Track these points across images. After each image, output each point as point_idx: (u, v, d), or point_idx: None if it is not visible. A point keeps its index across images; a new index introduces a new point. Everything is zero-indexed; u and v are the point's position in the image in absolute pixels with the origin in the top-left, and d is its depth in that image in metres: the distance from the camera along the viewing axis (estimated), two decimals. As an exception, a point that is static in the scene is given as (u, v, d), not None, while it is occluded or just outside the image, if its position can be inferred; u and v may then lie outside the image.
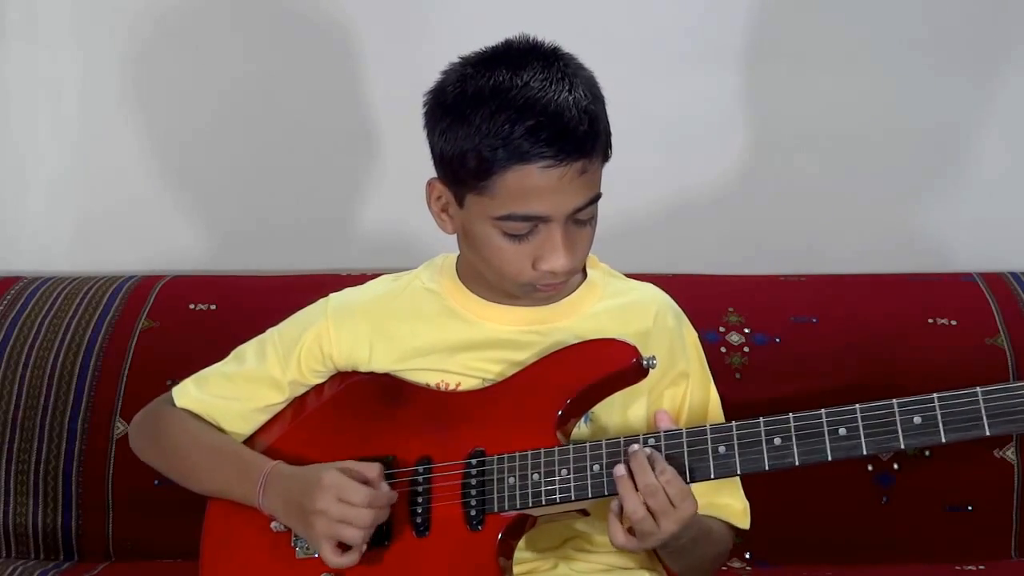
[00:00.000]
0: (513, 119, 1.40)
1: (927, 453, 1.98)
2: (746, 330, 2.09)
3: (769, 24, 2.33)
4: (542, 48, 1.49)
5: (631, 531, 1.41)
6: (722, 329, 2.09)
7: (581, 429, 1.54)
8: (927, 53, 2.32)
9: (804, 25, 2.33)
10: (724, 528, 1.58)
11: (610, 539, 1.42)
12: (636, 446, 1.40)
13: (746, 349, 2.07)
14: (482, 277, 1.57)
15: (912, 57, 2.33)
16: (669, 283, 1.71)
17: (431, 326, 1.60)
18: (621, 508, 1.40)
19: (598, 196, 1.48)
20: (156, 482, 1.93)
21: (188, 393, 1.66)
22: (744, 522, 1.58)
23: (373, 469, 1.48)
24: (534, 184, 1.41)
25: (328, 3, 2.37)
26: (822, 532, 2.01)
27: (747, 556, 2.00)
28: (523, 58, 1.46)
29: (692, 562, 1.55)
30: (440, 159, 1.50)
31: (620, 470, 1.39)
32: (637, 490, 1.38)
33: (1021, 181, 2.35)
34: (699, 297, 1.93)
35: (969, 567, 1.96)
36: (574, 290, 1.61)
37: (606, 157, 1.49)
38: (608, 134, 1.49)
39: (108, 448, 2.07)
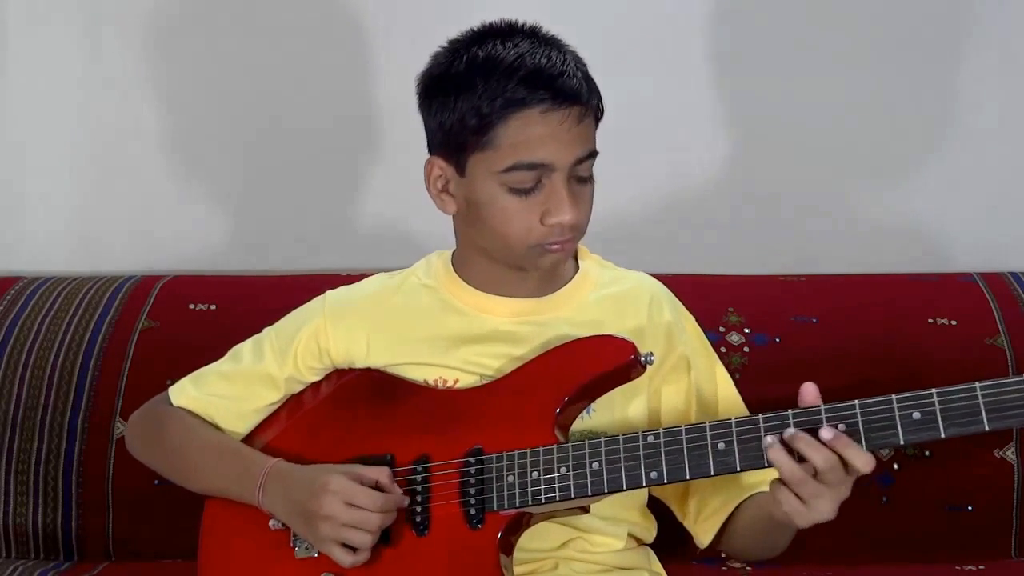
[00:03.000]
0: (508, 73, 1.45)
1: (927, 453, 1.98)
2: (746, 330, 2.09)
3: (770, 23, 2.33)
4: (523, 26, 1.54)
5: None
6: (722, 329, 2.09)
7: (584, 420, 1.54)
8: (928, 52, 2.33)
9: (806, 24, 2.33)
10: None
11: (785, 508, 1.37)
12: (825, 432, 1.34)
13: (746, 349, 2.07)
14: (478, 267, 1.58)
15: (913, 56, 2.33)
16: (669, 283, 1.71)
17: (428, 320, 1.61)
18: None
19: (595, 152, 1.51)
20: (156, 482, 1.92)
21: (185, 392, 1.67)
22: None
23: (384, 473, 1.48)
24: (536, 131, 1.44)
25: (328, 3, 2.37)
26: (822, 532, 1.99)
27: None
28: (508, 31, 1.51)
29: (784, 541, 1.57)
30: (439, 131, 1.52)
31: (828, 433, 1.33)
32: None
33: (1021, 181, 2.35)
34: (699, 297, 1.92)
35: (969, 567, 1.95)
36: (568, 281, 1.62)
37: (598, 116, 1.52)
38: (600, 94, 1.52)
39: (108, 448, 2.06)
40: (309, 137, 2.41)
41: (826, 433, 1.34)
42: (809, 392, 1.40)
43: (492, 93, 1.44)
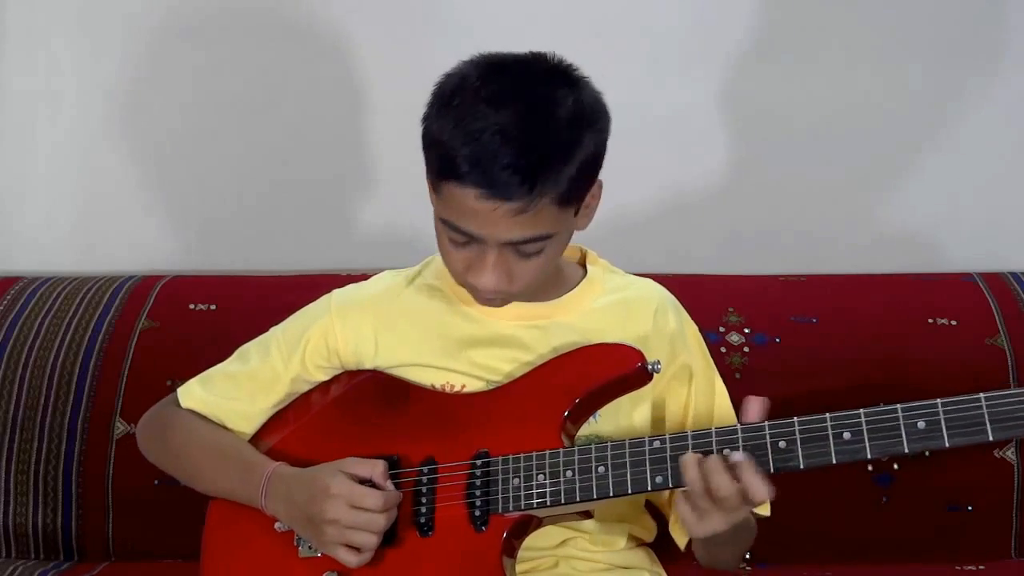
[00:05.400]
0: (464, 140, 1.40)
1: (927, 453, 1.98)
2: (746, 330, 2.10)
3: (770, 23, 2.33)
4: (558, 76, 1.46)
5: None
6: (722, 329, 2.09)
7: (591, 424, 1.54)
8: (929, 51, 2.33)
9: (806, 24, 2.33)
10: (751, 517, 1.57)
11: (679, 513, 1.40)
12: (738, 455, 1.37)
13: (746, 349, 2.08)
14: None
15: (914, 56, 2.33)
16: (669, 283, 1.71)
17: (435, 321, 1.61)
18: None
19: (547, 236, 1.45)
20: (156, 482, 1.94)
21: (193, 394, 1.67)
22: (766, 510, 1.57)
23: (377, 467, 1.48)
24: (468, 205, 1.41)
25: (328, 5, 2.36)
26: (822, 532, 2.01)
27: (747, 556, 2.00)
28: (525, 80, 1.44)
29: (735, 550, 1.59)
30: (422, 139, 1.51)
31: (738, 456, 1.36)
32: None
33: (1021, 181, 2.35)
34: (699, 297, 1.92)
35: (969, 567, 1.96)
36: (575, 286, 1.62)
37: (566, 204, 1.45)
38: (571, 183, 1.43)
39: (108, 448, 2.06)
40: (309, 137, 2.40)
41: (737, 456, 1.36)
42: (753, 408, 1.40)
43: (447, 150, 1.41)
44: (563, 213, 1.45)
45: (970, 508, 2.00)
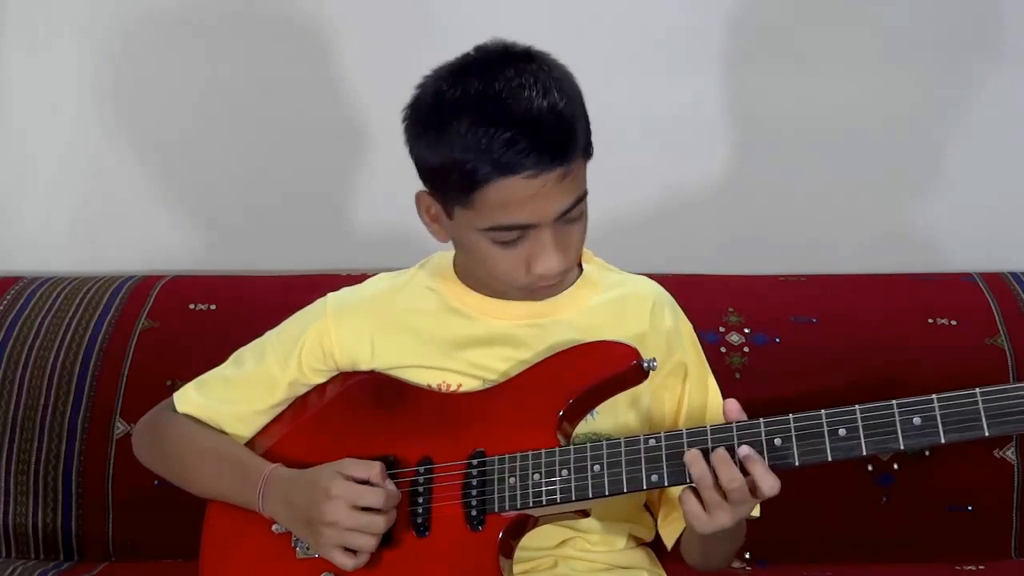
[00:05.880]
0: (490, 133, 1.40)
1: (927, 453, 1.99)
2: (746, 330, 2.10)
3: (771, 23, 2.34)
4: (514, 52, 1.49)
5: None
6: (722, 329, 2.09)
7: (588, 422, 1.54)
8: (928, 52, 2.33)
9: (805, 25, 2.33)
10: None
11: (686, 509, 1.40)
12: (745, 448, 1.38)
13: (746, 349, 2.07)
14: (477, 276, 1.58)
15: (913, 56, 2.33)
16: (669, 283, 1.71)
17: (431, 322, 1.60)
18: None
19: (584, 195, 1.48)
20: (156, 482, 1.92)
21: (189, 399, 1.66)
22: (757, 510, 1.56)
23: (375, 468, 1.48)
24: (516, 195, 1.42)
25: (326, 5, 2.37)
26: (822, 532, 2.01)
27: (747, 556, 2.00)
28: (495, 66, 1.45)
29: (730, 548, 1.59)
30: (424, 173, 1.51)
31: (746, 450, 1.38)
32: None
33: (1021, 181, 2.35)
34: (699, 297, 1.93)
35: (969, 567, 1.96)
36: (571, 284, 1.62)
37: (588, 155, 1.49)
38: (587, 132, 1.49)
39: (108, 448, 2.07)
40: (308, 136, 2.40)
41: (744, 449, 1.37)
42: (731, 409, 1.42)
43: (473, 154, 1.41)
44: (585, 164, 1.49)
45: (970, 508, 2.00)
